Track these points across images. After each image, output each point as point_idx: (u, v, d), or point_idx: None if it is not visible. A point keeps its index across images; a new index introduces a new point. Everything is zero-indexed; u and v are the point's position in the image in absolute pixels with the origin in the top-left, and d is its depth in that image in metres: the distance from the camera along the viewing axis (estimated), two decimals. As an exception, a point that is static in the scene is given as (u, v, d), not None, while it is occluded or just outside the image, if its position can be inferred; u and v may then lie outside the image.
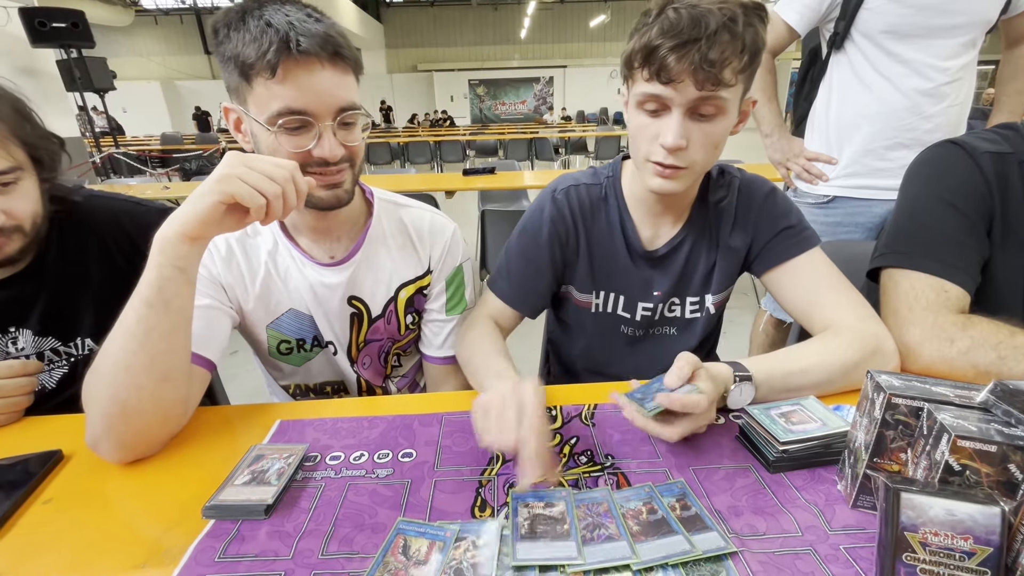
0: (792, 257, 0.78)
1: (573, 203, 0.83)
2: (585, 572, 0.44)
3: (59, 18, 4.52)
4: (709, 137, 0.68)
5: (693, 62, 0.61)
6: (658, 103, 0.66)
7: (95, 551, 0.48)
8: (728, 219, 0.82)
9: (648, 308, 0.86)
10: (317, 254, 0.81)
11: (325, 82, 0.65)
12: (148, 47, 17.01)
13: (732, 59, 0.62)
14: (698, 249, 0.84)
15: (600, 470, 0.58)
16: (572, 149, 8.00)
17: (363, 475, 0.57)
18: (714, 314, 0.88)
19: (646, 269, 0.85)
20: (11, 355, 0.79)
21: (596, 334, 0.91)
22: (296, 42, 0.61)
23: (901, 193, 0.82)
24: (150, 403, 0.59)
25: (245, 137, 0.71)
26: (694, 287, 0.86)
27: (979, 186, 0.74)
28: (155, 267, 0.58)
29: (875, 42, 1.19)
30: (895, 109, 1.21)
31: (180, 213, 0.58)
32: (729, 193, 0.82)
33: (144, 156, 6.85)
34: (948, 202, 0.75)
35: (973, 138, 0.78)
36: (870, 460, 0.49)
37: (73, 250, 0.82)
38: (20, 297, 0.79)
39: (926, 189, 0.78)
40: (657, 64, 0.62)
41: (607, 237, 0.84)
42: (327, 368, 0.90)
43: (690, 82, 0.62)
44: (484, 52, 18.95)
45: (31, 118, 0.75)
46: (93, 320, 0.83)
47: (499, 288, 0.86)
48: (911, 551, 0.39)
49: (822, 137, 1.34)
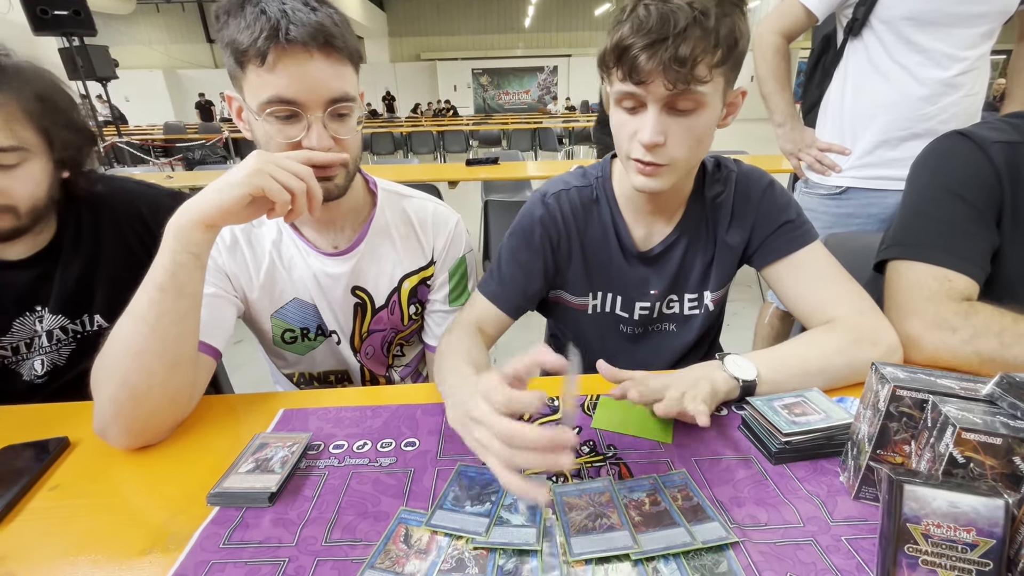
0: (792, 252, 0.77)
1: (564, 207, 0.82)
2: (587, 561, 0.44)
3: (61, 6, 4.49)
4: (690, 132, 0.65)
5: (662, 61, 0.59)
6: (634, 100, 0.65)
7: (101, 537, 0.49)
8: (725, 215, 0.81)
9: (646, 307, 0.85)
10: (321, 244, 0.81)
11: (315, 72, 0.64)
12: (150, 35, 16.92)
13: (704, 55, 0.59)
14: (694, 247, 0.82)
15: (602, 460, 0.58)
16: (576, 139, 7.94)
17: (366, 464, 0.58)
18: (713, 310, 0.87)
19: (641, 268, 0.83)
20: (38, 334, 0.81)
21: (595, 334, 0.90)
22: (286, 31, 0.61)
23: (908, 185, 0.82)
24: (159, 388, 0.59)
25: (245, 125, 0.71)
26: (692, 284, 0.85)
27: (988, 176, 0.73)
28: (169, 253, 0.58)
29: (894, 29, 1.16)
30: (912, 99, 1.18)
31: (199, 202, 0.59)
32: (726, 188, 0.80)
33: (147, 145, 6.84)
34: (955, 193, 0.74)
35: (982, 128, 0.76)
36: (873, 452, 0.49)
37: (88, 229, 0.83)
38: (44, 276, 0.80)
39: (933, 180, 0.77)
40: (628, 64, 0.61)
41: (600, 239, 0.83)
42: (330, 357, 0.90)
43: (660, 81, 0.61)
44: (488, 41, 18.78)
45: (59, 107, 0.75)
46: (104, 298, 0.84)
47: (489, 290, 0.83)
48: (913, 543, 0.39)
49: (835, 126, 1.32)
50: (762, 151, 3.54)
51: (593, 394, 0.70)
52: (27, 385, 0.83)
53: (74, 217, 0.82)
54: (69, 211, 0.82)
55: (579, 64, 18.22)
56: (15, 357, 0.81)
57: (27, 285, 0.79)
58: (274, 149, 0.67)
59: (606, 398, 0.68)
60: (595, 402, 0.68)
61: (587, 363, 0.94)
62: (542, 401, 0.44)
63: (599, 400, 0.68)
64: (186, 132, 8.67)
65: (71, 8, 4.60)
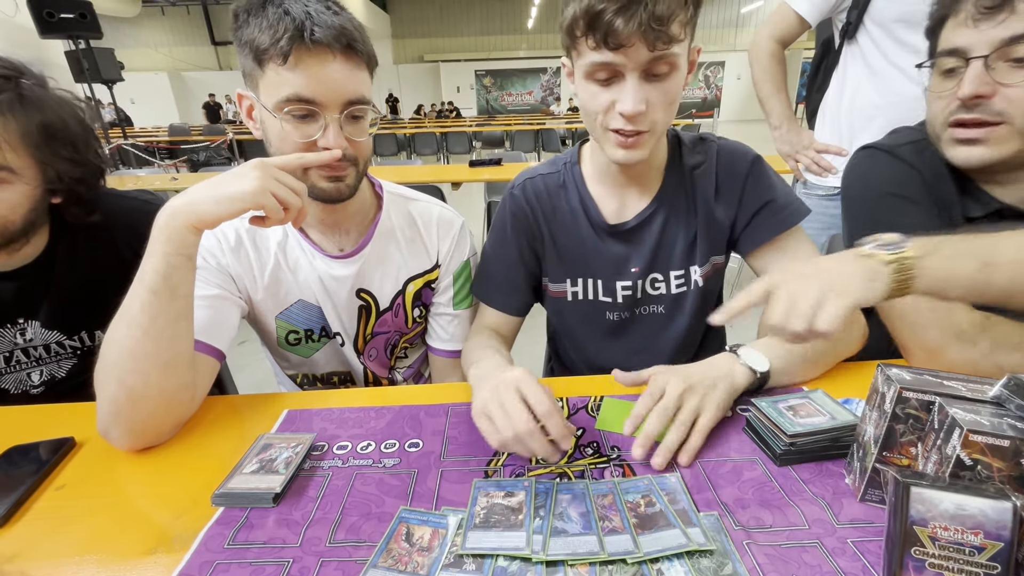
0: (777, 235, 0.77)
1: (530, 195, 0.83)
2: (591, 564, 0.44)
3: (67, 8, 4.51)
4: (666, 95, 0.65)
5: (641, 22, 0.56)
6: (609, 71, 0.63)
7: (107, 536, 0.49)
8: (708, 186, 0.79)
9: (628, 287, 0.82)
10: (327, 246, 0.82)
11: (335, 73, 0.65)
12: (155, 38, 17.01)
13: (679, 11, 0.58)
14: (675, 220, 0.80)
15: (606, 462, 0.58)
16: (579, 140, 7.92)
17: (370, 464, 0.58)
18: (704, 287, 0.82)
19: (617, 246, 0.81)
20: (19, 346, 0.80)
21: (577, 323, 0.89)
22: (311, 31, 0.62)
23: (846, 203, 0.82)
24: (156, 390, 0.59)
25: (255, 124, 0.72)
26: (676, 260, 0.81)
27: (907, 173, 0.75)
28: (161, 256, 0.58)
29: (888, 31, 1.17)
30: (908, 99, 1.18)
31: (195, 205, 0.59)
32: (707, 159, 0.79)
33: (152, 147, 6.87)
34: (894, 194, 0.75)
35: (887, 138, 0.81)
36: (879, 454, 0.49)
37: (84, 247, 0.82)
38: (30, 289, 0.79)
39: (871, 191, 0.78)
40: (603, 30, 0.58)
41: (570, 222, 0.82)
42: (334, 359, 0.91)
43: (641, 44, 0.59)
44: (491, 42, 18.79)
45: (65, 140, 0.74)
46: (102, 315, 0.84)
47: (483, 294, 0.87)
48: (920, 545, 0.39)
49: (834, 128, 1.32)
50: (763, 151, 3.52)
51: (596, 395, 0.70)
52: (21, 396, 0.83)
53: (69, 234, 0.81)
54: (63, 227, 0.81)
55: (582, 65, 18.18)
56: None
57: (9, 297, 0.78)
58: (288, 147, 0.68)
59: (610, 399, 0.68)
60: (599, 403, 0.68)
61: (581, 356, 0.95)
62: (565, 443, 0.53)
63: (603, 401, 0.68)
64: (191, 134, 8.71)
65: (77, 11, 4.62)
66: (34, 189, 0.73)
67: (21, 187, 0.72)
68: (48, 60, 4.67)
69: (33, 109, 0.71)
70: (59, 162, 0.74)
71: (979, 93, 0.65)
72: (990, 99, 0.65)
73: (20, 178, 0.71)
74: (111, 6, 9.30)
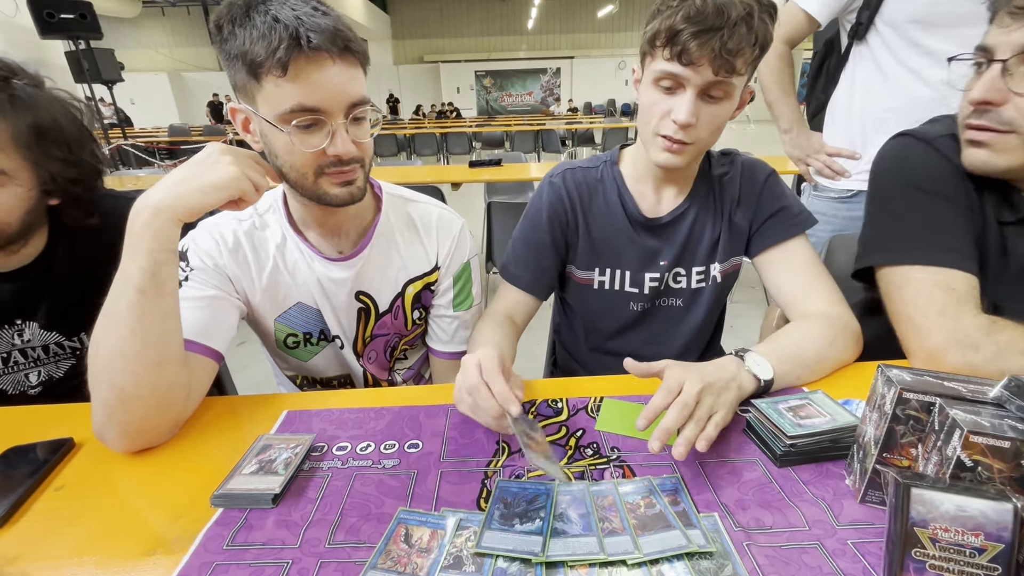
0: (786, 240, 0.83)
1: (570, 184, 0.88)
2: (590, 565, 0.44)
3: (67, 9, 4.52)
4: (715, 118, 0.73)
5: (713, 49, 0.65)
6: (674, 81, 0.71)
7: (106, 537, 0.49)
8: (732, 192, 0.87)
9: (656, 279, 0.89)
10: (325, 249, 0.81)
11: (336, 78, 0.63)
12: (155, 38, 17.02)
13: (746, 50, 0.67)
14: (704, 218, 0.87)
15: (606, 463, 0.58)
16: (579, 141, 7.94)
17: (369, 465, 0.58)
18: (720, 283, 0.90)
19: (650, 239, 0.88)
20: (17, 347, 0.80)
21: (598, 310, 0.94)
22: (307, 38, 0.59)
23: (871, 191, 0.81)
24: (147, 390, 0.59)
25: (254, 137, 0.69)
26: (700, 256, 0.88)
27: (944, 167, 0.73)
28: (148, 253, 0.58)
29: (900, 32, 1.15)
30: (921, 102, 1.16)
31: (182, 200, 0.59)
32: (732, 169, 0.88)
33: (152, 148, 6.88)
34: (919, 188, 0.74)
35: (924, 125, 0.79)
36: (880, 455, 0.48)
37: (83, 248, 0.82)
38: (28, 290, 0.79)
39: (895, 181, 0.77)
40: (680, 47, 0.67)
41: (606, 214, 0.88)
42: (333, 362, 0.90)
43: (708, 66, 0.67)
44: (491, 43, 18.81)
45: (59, 141, 0.73)
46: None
47: (510, 275, 0.90)
48: (921, 547, 0.39)
49: (845, 131, 1.30)
50: (762, 152, 3.53)
51: (596, 396, 0.70)
52: (18, 397, 0.83)
53: (68, 235, 0.81)
54: (62, 228, 0.80)
55: (582, 66, 18.22)
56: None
57: (8, 298, 0.78)
58: (298, 159, 0.66)
59: (610, 400, 0.68)
60: (599, 404, 0.68)
61: (595, 342, 0.96)
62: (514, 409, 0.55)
63: (603, 402, 0.68)
64: (191, 134, 8.71)
65: (77, 12, 4.63)
66: (29, 191, 0.73)
67: (15, 189, 0.71)
68: (48, 60, 4.67)
69: (24, 110, 0.70)
70: (53, 163, 0.73)
71: (988, 99, 0.64)
72: (1000, 107, 0.64)
73: (13, 180, 0.71)
74: (111, 7, 9.31)
